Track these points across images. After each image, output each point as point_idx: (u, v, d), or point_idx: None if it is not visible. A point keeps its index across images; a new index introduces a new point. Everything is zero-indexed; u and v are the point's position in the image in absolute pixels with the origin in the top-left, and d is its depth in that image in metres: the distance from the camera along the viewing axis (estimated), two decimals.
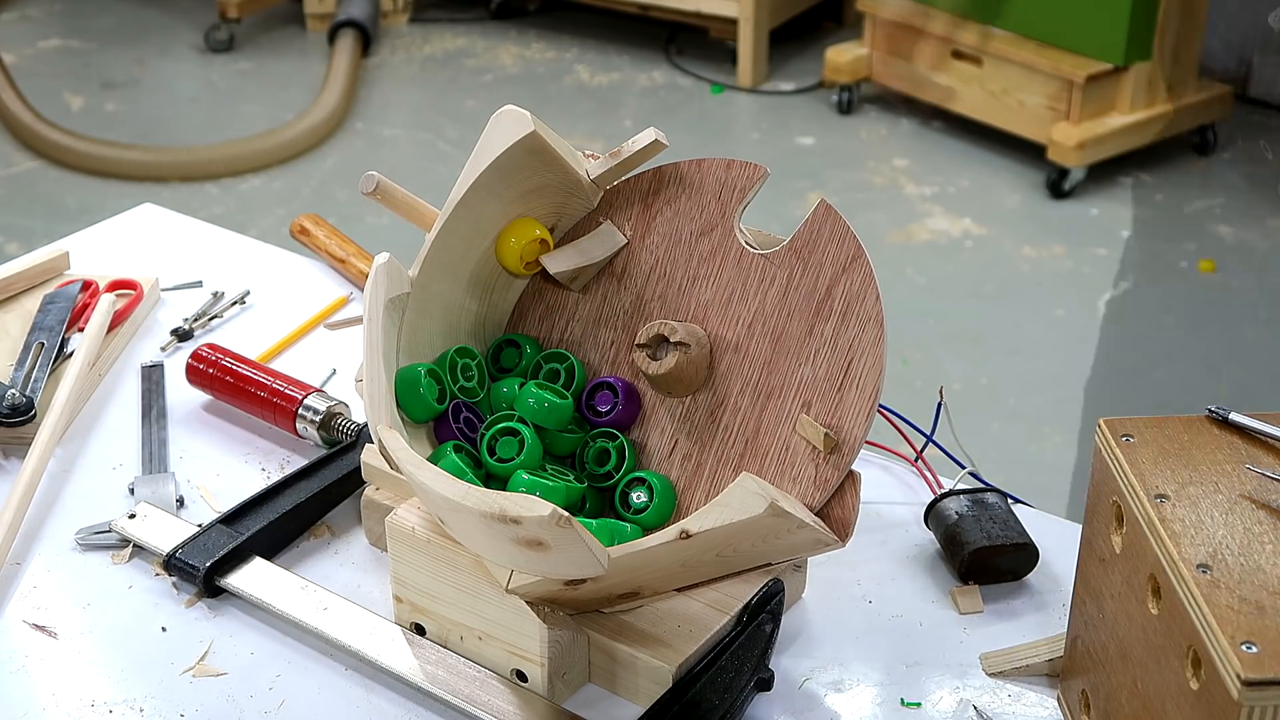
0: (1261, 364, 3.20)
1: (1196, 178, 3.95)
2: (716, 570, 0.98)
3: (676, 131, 1.15)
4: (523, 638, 0.96)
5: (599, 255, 1.09)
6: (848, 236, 1.01)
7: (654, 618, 0.98)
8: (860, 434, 0.97)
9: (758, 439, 1.01)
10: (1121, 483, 0.85)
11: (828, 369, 0.99)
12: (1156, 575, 0.80)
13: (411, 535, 0.99)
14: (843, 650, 1.03)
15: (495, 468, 1.01)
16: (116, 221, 1.62)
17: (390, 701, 0.99)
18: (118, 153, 3.97)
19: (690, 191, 1.09)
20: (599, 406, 1.07)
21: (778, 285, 1.03)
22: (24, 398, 1.24)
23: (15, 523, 1.12)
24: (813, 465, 0.98)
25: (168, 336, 1.39)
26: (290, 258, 1.55)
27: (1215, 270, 3.52)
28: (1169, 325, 3.33)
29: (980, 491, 1.12)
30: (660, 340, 1.06)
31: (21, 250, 3.24)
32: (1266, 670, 0.71)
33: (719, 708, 0.93)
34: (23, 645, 1.03)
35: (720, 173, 1.08)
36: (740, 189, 1.07)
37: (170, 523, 1.12)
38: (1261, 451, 0.87)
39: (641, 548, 0.89)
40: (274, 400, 1.24)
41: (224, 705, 0.98)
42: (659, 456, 1.06)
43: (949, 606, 1.07)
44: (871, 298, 0.99)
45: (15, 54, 4.62)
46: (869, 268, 1.00)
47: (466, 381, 1.07)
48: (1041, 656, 1.00)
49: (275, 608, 1.04)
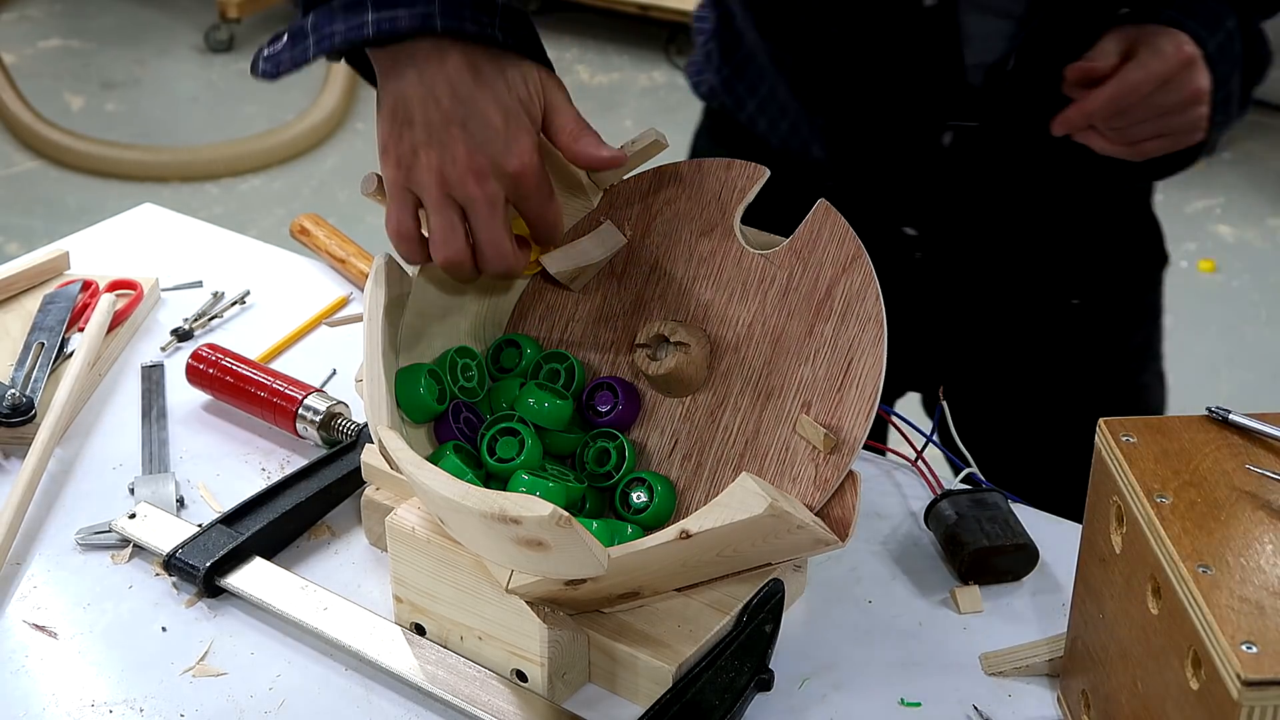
0: (1261, 364, 3.20)
1: (1196, 178, 3.95)
2: (716, 570, 0.98)
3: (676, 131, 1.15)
4: (523, 638, 0.96)
5: (598, 255, 1.09)
6: (848, 236, 1.01)
7: (654, 618, 0.98)
8: (860, 434, 0.97)
9: (758, 439, 1.01)
10: (1121, 483, 0.85)
11: (828, 369, 0.99)
12: (1156, 575, 0.80)
13: (411, 535, 0.99)
14: (843, 650, 1.03)
15: (495, 468, 1.02)
16: (116, 221, 1.62)
17: (390, 701, 0.99)
18: (118, 153, 3.97)
19: (690, 191, 1.08)
20: (599, 407, 1.07)
21: (778, 285, 1.03)
22: (24, 398, 1.24)
23: (15, 523, 1.12)
24: (812, 465, 0.98)
25: (168, 336, 1.39)
26: (290, 258, 1.55)
27: (1215, 270, 3.52)
28: (1169, 325, 3.33)
29: (980, 491, 1.12)
30: (660, 340, 1.06)
31: (21, 250, 3.24)
32: (1266, 670, 0.71)
33: (719, 708, 0.93)
34: (23, 645, 1.03)
35: (720, 173, 1.08)
36: (740, 189, 1.07)
37: (170, 523, 1.12)
38: (1261, 451, 0.87)
39: (641, 548, 0.89)
40: (274, 400, 1.24)
41: (224, 705, 0.98)
42: (659, 456, 1.06)
43: (949, 606, 1.07)
44: (872, 297, 0.99)
45: (15, 54, 4.63)
46: (869, 268, 1.00)
47: (466, 382, 1.07)
48: (1041, 656, 1.00)
49: (275, 608, 1.04)
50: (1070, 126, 1.12)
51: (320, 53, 1.00)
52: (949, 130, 1.23)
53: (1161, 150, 1.15)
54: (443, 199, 0.99)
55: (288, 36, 1.02)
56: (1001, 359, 1.19)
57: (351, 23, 0.99)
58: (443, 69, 0.98)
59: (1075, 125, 1.11)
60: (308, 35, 1.01)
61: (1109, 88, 1.09)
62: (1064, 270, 1.35)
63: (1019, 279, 1.33)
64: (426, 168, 0.98)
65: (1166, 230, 1.41)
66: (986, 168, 1.28)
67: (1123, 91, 1.09)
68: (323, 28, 1.00)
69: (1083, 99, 1.10)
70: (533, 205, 1.02)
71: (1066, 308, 1.36)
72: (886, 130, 1.24)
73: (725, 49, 1.34)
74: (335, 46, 0.99)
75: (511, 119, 0.99)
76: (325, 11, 1.00)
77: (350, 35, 0.98)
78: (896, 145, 1.23)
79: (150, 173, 3.93)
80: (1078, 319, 1.37)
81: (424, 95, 0.98)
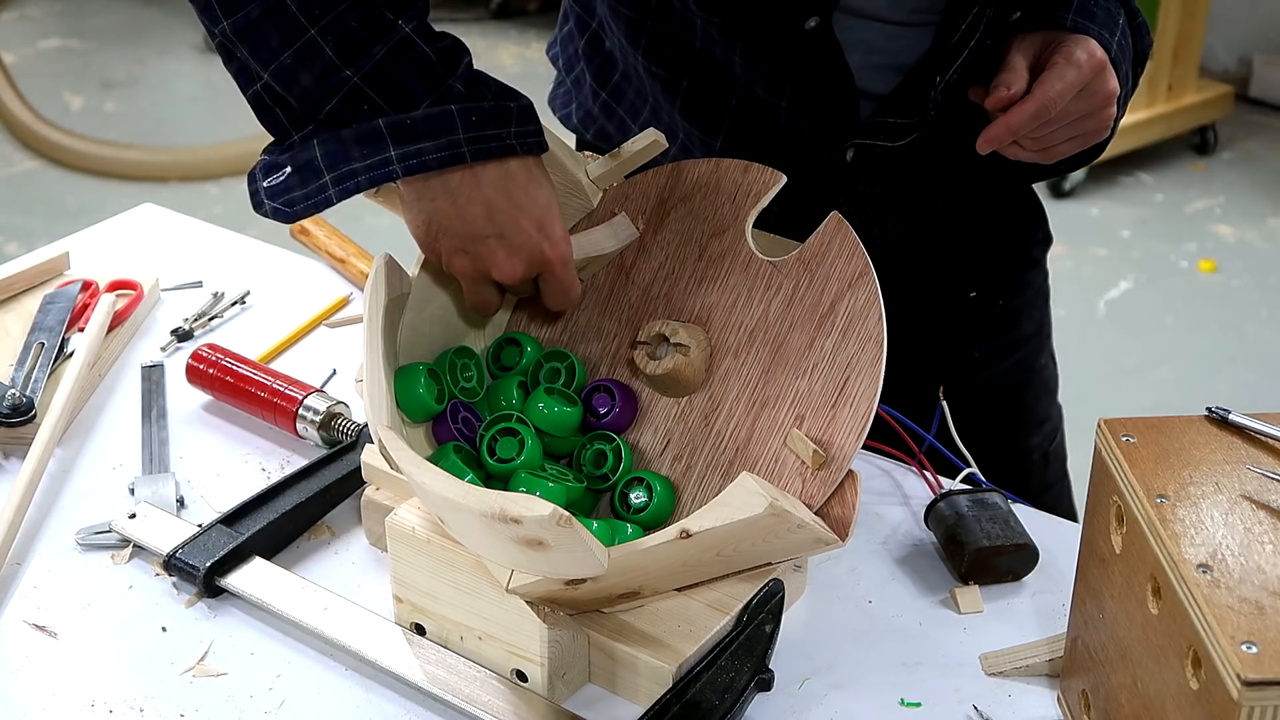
0: (1261, 364, 3.20)
1: (1196, 178, 3.95)
2: (716, 570, 0.98)
3: None
4: (523, 638, 0.96)
5: (611, 246, 1.09)
6: (856, 252, 1.00)
7: (654, 618, 0.98)
8: (850, 453, 0.96)
9: (748, 447, 1.01)
10: (1121, 483, 0.85)
11: (824, 384, 0.99)
12: (1156, 575, 0.80)
13: (411, 535, 0.99)
14: (843, 650, 1.03)
15: (495, 468, 1.01)
16: (116, 221, 1.62)
17: (390, 701, 0.99)
18: (118, 153, 3.97)
19: (705, 192, 1.08)
20: (597, 409, 1.07)
21: (783, 294, 1.03)
22: (24, 398, 1.24)
23: (15, 523, 1.12)
24: (799, 480, 0.98)
25: (168, 336, 1.39)
26: (290, 258, 1.55)
27: (1215, 270, 3.52)
28: (1169, 325, 3.33)
29: (980, 491, 1.12)
30: (660, 340, 1.06)
31: (21, 250, 3.24)
32: (1266, 670, 0.71)
33: (719, 708, 0.93)
34: (23, 645, 1.03)
35: (737, 175, 1.07)
36: (755, 193, 1.06)
37: (170, 523, 1.12)
38: (1261, 451, 0.87)
39: (641, 547, 0.89)
40: (274, 400, 1.24)
41: (224, 705, 0.98)
42: (650, 455, 1.06)
43: (949, 606, 1.07)
44: (874, 317, 0.99)
45: (15, 54, 4.63)
46: (875, 286, 0.99)
47: (466, 382, 1.07)
48: (1041, 656, 1.00)
49: (275, 608, 1.04)
50: (996, 144, 1.13)
51: (345, 197, 0.97)
52: (851, 148, 1.23)
53: (1073, 151, 1.18)
54: (478, 284, 1.03)
55: (292, 170, 0.97)
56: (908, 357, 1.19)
57: (372, 160, 0.95)
58: (478, 192, 0.98)
59: (1001, 142, 1.13)
60: (321, 173, 0.96)
61: (1031, 103, 1.11)
62: (962, 264, 1.37)
63: (920, 277, 1.34)
64: (461, 268, 1.01)
65: (1166, 230, 1.42)
66: (890, 176, 1.29)
67: (1045, 105, 1.11)
68: (338, 165, 0.96)
69: (1006, 116, 1.12)
70: (554, 287, 1.04)
71: (965, 301, 1.38)
72: (787, 154, 1.22)
73: (599, 74, 1.32)
74: (361, 190, 0.97)
75: (544, 221, 1.01)
76: (333, 143, 0.96)
77: (376, 178, 0.95)
78: (797, 165, 1.21)
79: (150, 173, 3.93)
80: (977, 310, 1.39)
81: (458, 215, 0.99)
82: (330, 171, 0.96)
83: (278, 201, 0.97)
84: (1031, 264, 1.43)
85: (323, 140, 0.96)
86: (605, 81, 1.30)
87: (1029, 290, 1.43)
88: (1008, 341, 1.42)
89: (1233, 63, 4.43)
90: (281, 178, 0.97)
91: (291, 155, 0.97)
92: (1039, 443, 1.46)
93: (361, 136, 0.95)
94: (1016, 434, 1.45)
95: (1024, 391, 1.44)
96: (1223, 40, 4.39)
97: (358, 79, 0.94)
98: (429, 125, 0.95)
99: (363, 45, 0.94)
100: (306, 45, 0.94)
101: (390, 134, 0.95)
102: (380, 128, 0.95)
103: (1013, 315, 1.41)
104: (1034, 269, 1.43)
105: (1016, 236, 1.41)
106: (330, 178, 0.96)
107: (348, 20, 0.93)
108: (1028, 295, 1.43)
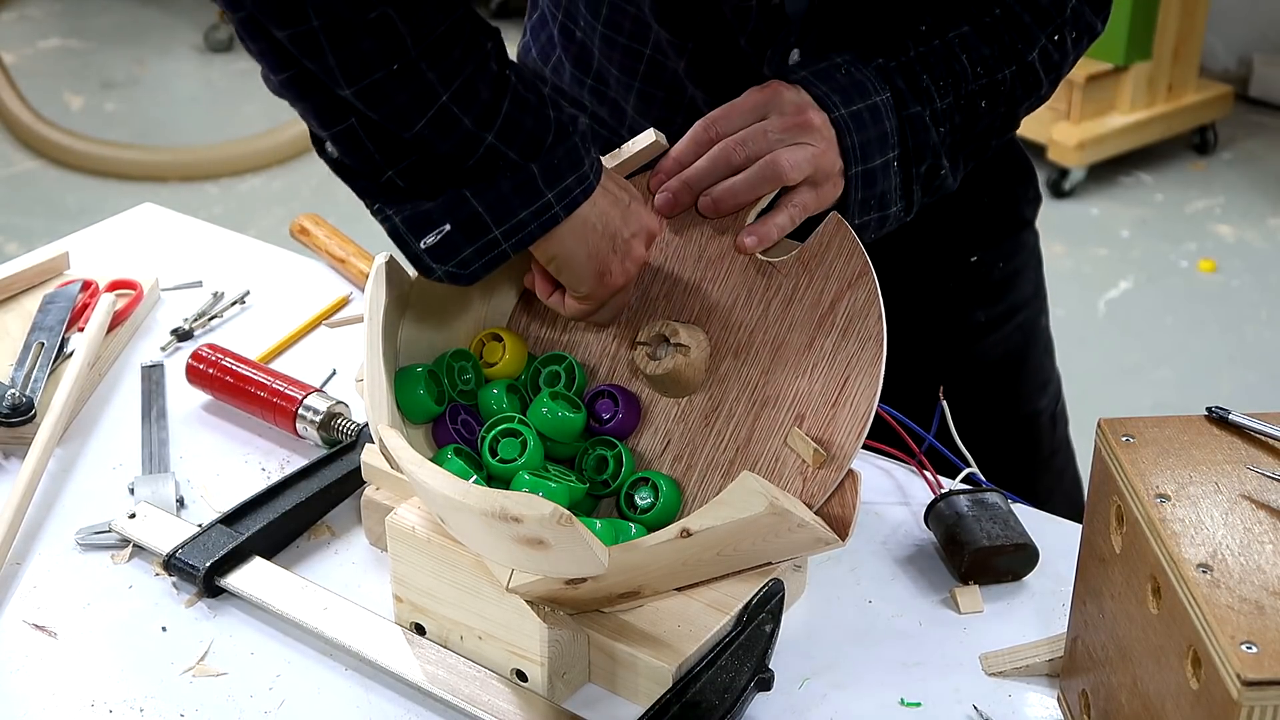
0: (1261, 364, 3.20)
1: (1196, 178, 3.95)
2: (717, 569, 0.98)
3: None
4: (523, 637, 0.96)
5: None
6: (856, 252, 1.01)
7: (654, 618, 0.98)
8: (850, 452, 0.96)
9: (749, 447, 1.01)
10: (1121, 483, 0.85)
11: (824, 384, 0.99)
12: (1156, 575, 0.80)
13: (411, 535, 0.99)
14: (843, 650, 1.03)
15: (497, 469, 1.01)
16: (116, 221, 1.62)
17: (390, 701, 0.99)
18: (117, 153, 3.97)
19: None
20: (601, 414, 1.07)
21: (782, 294, 1.03)
22: (24, 398, 1.24)
23: (15, 523, 1.12)
24: (800, 479, 0.98)
25: (168, 336, 1.39)
26: (290, 258, 1.55)
27: (1215, 270, 3.52)
28: (1169, 325, 3.33)
29: (980, 491, 1.12)
30: (661, 340, 1.06)
31: (21, 250, 3.24)
32: (1266, 670, 0.71)
33: (719, 708, 0.93)
34: (23, 645, 1.03)
35: None
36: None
37: (170, 523, 1.12)
38: (1261, 451, 0.87)
39: (642, 546, 0.89)
40: (274, 400, 1.24)
41: (224, 705, 0.98)
42: (650, 455, 1.06)
43: (949, 606, 1.07)
44: (874, 316, 0.99)
45: (15, 54, 4.63)
46: (874, 286, 0.99)
47: (464, 385, 1.07)
48: (1041, 656, 1.00)
49: (275, 608, 1.04)
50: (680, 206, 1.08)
51: (520, 250, 0.98)
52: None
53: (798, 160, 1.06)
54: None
55: (452, 227, 0.96)
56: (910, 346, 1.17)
57: (535, 206, 0.96)
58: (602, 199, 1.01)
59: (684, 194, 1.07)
60: (489, 228, 0.97)
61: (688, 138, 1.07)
62: (960, 228, 1.36)
63: (921, 244, 1.33)
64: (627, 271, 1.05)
65: (1166, 230, 1.42)
66: None
67: (708, 122, 1.06)
68: (505, 219, 0.96)
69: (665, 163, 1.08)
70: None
71: (967, 266, 1.38)
72: None
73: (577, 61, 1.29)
74: (535, 240, 0.98)
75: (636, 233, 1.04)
76: (490, 194, 0.96)
77: (547, 223, 0.97)
78: None
79: (150, 173, 3.93)
80: (978, 275, 1.38)
81: (606, 225, 1.01)
82: (498, 227, 0.97)
83: (450, 265, 0.98)
84: (1025, 224, 1.42)
85: (478, 193, 0.96)
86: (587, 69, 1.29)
87: (1024, 251, 1.42)
88: (1010, 305, 1.41)
89: (1233, 62, 4.43)
90: (439, 235, 0.97)
91: (445, 210, 0.97)
92: (1046, 404, 1.46)
93: (519, 187, 0.96)
94: (1025, 398, 1.44)
95: (1028, 353, 1.44)
96: (1223, 40, 4.39)
97: (492, 139, 0.95)
98: (569, 161, 0.97)
99: (492, 109, 0.95)
100: (439, 113, 0.93)
101: (543, 178, 0.97)
102: (534, 173, 0.96)
103: (1012, 278, 1.41)
104: (1027, 229, 1.43)
105: (1009, 196, 1.40)
106: (500, 233, 0.97)
107: (478, 88, 0.94)
108: (1024, 256, 1.42)
